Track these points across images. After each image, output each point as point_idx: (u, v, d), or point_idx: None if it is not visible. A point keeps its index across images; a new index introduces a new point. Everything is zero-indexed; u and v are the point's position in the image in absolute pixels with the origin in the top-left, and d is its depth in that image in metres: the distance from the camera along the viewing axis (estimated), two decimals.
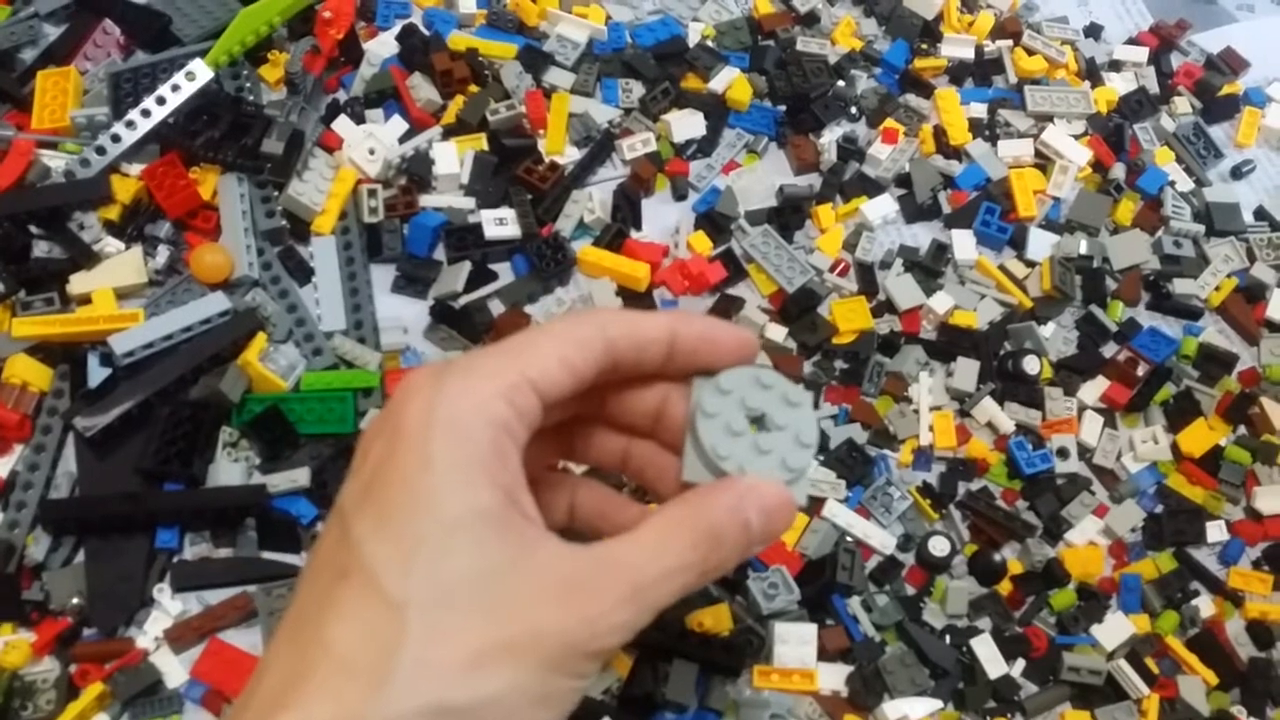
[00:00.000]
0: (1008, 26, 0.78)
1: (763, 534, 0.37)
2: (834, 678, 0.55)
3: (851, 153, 0.71)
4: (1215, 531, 0.61)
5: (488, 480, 0.33)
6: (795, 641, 0.54)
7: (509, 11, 0.73)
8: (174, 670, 0.51)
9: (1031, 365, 0.63)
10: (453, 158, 0.66)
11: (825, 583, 0.56)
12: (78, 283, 0.59)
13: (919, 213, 0.70)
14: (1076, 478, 0.62)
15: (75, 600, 0.52)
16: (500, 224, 0.64)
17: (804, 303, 0.64)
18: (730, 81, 0.71)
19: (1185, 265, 0.70)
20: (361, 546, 0.32)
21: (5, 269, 0.58)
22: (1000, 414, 0.62)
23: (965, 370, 0.63)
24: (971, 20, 0.78)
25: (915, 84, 0.75)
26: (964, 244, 0.68)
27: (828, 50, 0.75)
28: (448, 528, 0.32)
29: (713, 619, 0.54)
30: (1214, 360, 0.66)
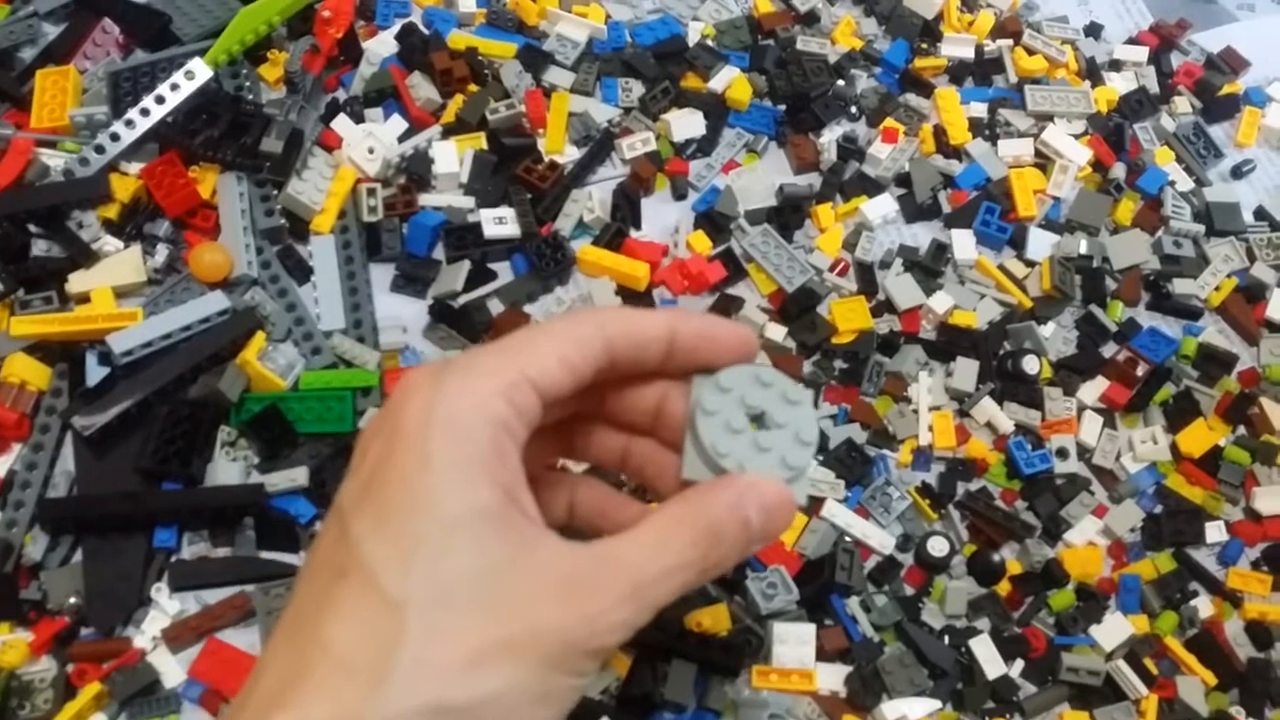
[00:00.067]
0: (1008, 26, 0.78)
1: (762, 532, 0.36)
2: (833, 678, 0.55)
3: (851, 152, 0.71)
4: (1214, 532, 0.61)
5: (487, 479, 0.33)
6: (794, 641, 0.54)
7: (508, 10, 0.73)
8: (172, 670, 0.51)
9: (1031, 365, 0.63)
10: (452, 157, 0.66)
11: (824, 583, 0.56)
12: (76, 281, 0.59)
13: (919, 212, 0.70)
14: (1076, 478, 0.62)
15: (73, 600, 0.52)
16: (499, 223, 0.64)
17: (803, 302, 0.64)
18: (730, 81, 0.71)
19: (1185, 265, 0.70)
20: (360, 546, 0.32)
21: (4, 268, 0.58)
22: (999, 414, 0.62)
23: (965, 370, 0.63)
24: (971, 20, 0.78)
25: (915, 83, 0.75)
26: (964, 244, 0.68)
27: (828, 49, 0.75)
28: (447, 527, 0.32)
29: (711, 619, 0.54)
30: (1214, 360, 0.66)
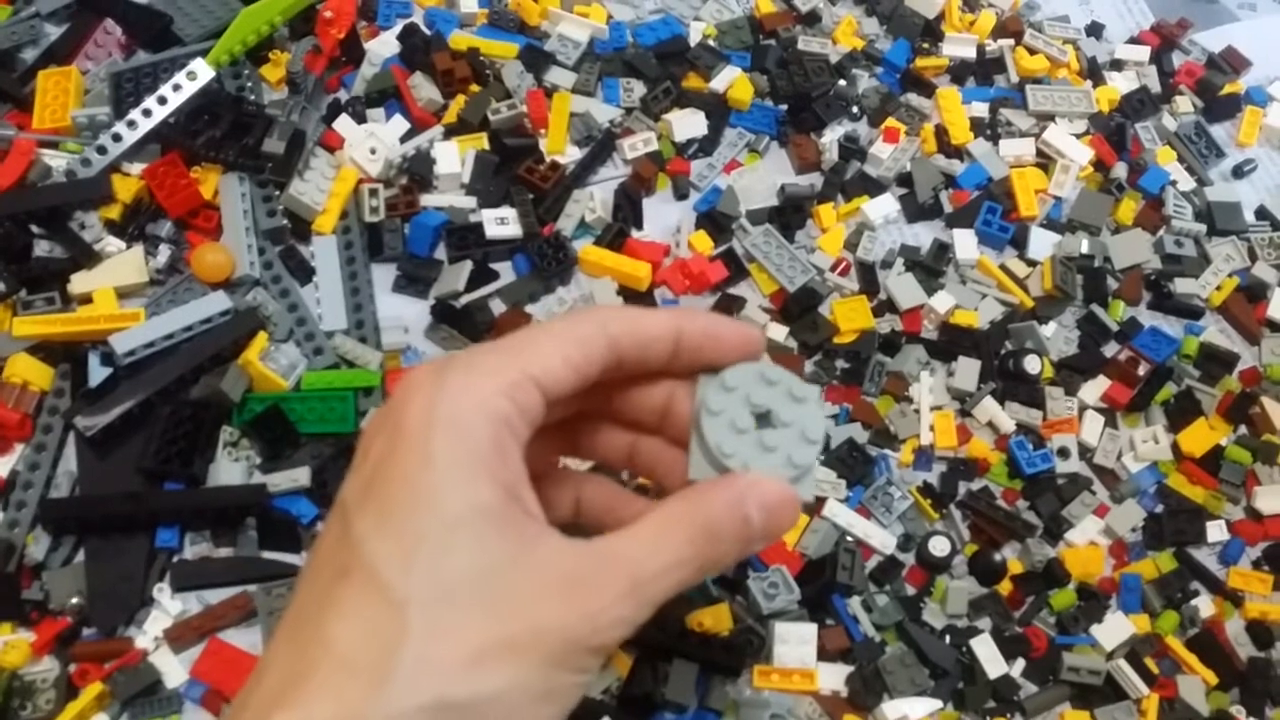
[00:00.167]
0: (1009, 25, 0.78)
1: (764, 530, 0.36)
2: (834, 678, 0.55)
3: (853, 152, 0.71)
4: (1215, 531, 0.61)
5: (489, 477, 0.33)
6: (795, 641, 0.54)
7: (510, 11, 0.73)
8: (173, 670, 0.51)
9: (1032, 365, 0.63)
10: (454, 157, 0.66)
11: (825, 582, 0.56)
12: (79, 282, 0.59)
13: (920, 212, 0.70)
14: (1077, 477, 0.62)
15: (75, 600, 0.52)
16: (501, 223, 0.64)
17: (805, 302, 0.64)
18: (731, 81, 0.71)
19: (1186, 265, 0.70)
20: (363, 544, 0.32)
21: (6, 268, 0.58)
22: (1001, 414, 0.62)
23: (966, 370, 0.63)
24: (973, 19, 0.78)
25: (917, 83, 0.75)
26: (965, 243, 0.68)
27: (829, 49, 0.75)
28: (449, 525, 0.32)
29: (713, 619, 0.54)
30: (1215, 360, 0.66)
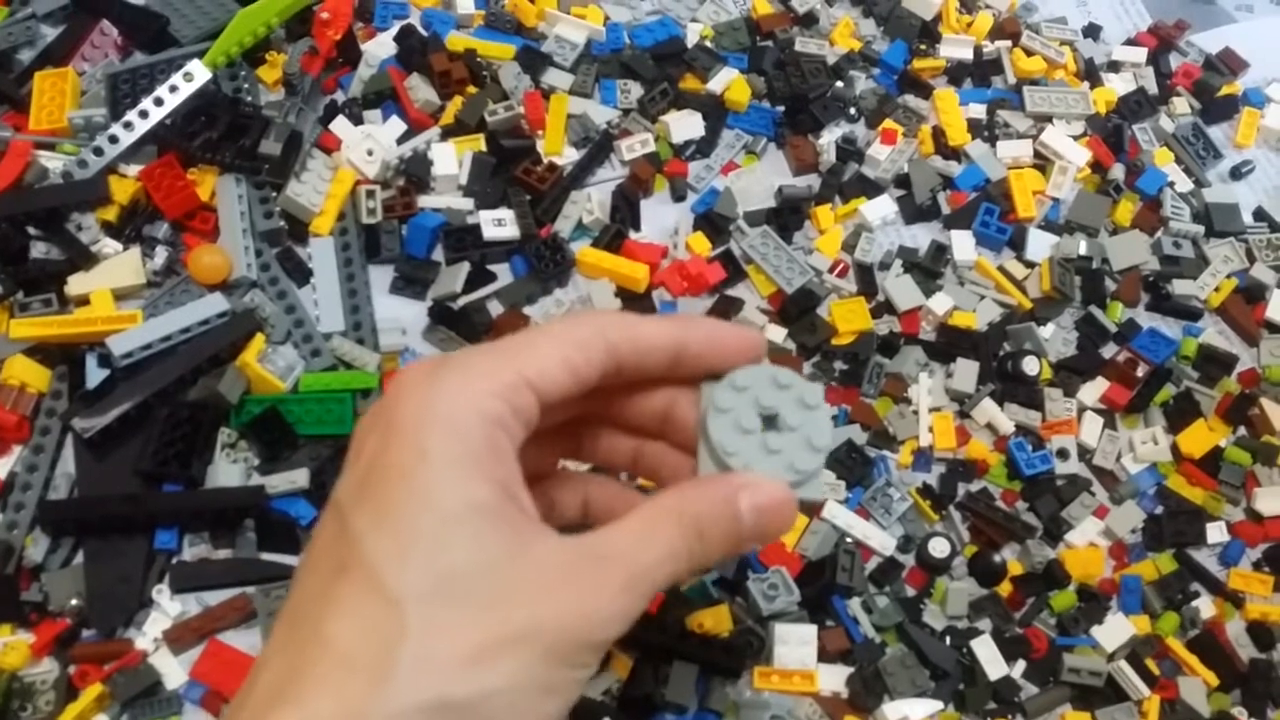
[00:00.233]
0: (1006, 27, 0.78)
1: (756, 530, 0.36)
2: (834, 679, 0.54)
3: (850, 153, 0.71)
4: (1215, 533, 0.61)
5: (483, 475, 0.33)
6: (795, 643, 0.54)
7: (507, 12, 0.73)
8: (173, 671, 0.51)
9: (1031, 366, 0.63)
10: (451, 159, 0.66)
11: (825, 584, 0.56)
12: (76, 284, 0.59)
13: (918, 213, 0.70)
14: (1076, 479, 0.62)
15: (74, 601, 0.51)
16: (499, 225, 0.64)
17: (803, 304, 0.64)
18: (729, 82, 0.71)
19: (1185, 266, 0.70)
20: (361, 541, 0.32)
21: (3, 270, 0.58)
22: (1000, 415, 0.62)
23: (965, 371, 0.63)
24: (970, 21, 0.78)
25: (914, 85, 0.75)
26: (963, 245, 0.68)
27: (826, 51, 0.75)
28: (446, 521, 0.32)
29: (713, 620, 0.54)
30: (1214, 361, 0.66)
